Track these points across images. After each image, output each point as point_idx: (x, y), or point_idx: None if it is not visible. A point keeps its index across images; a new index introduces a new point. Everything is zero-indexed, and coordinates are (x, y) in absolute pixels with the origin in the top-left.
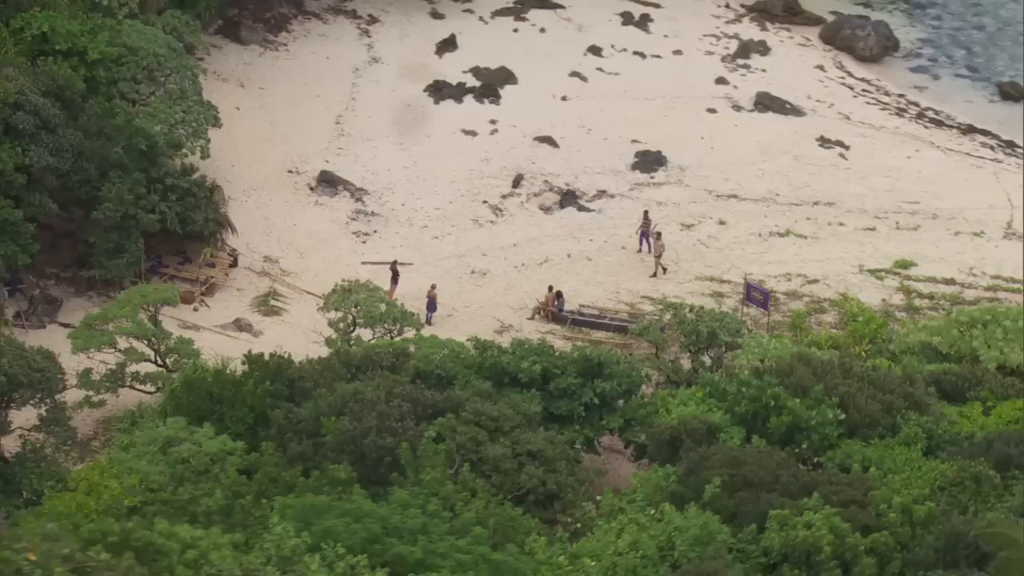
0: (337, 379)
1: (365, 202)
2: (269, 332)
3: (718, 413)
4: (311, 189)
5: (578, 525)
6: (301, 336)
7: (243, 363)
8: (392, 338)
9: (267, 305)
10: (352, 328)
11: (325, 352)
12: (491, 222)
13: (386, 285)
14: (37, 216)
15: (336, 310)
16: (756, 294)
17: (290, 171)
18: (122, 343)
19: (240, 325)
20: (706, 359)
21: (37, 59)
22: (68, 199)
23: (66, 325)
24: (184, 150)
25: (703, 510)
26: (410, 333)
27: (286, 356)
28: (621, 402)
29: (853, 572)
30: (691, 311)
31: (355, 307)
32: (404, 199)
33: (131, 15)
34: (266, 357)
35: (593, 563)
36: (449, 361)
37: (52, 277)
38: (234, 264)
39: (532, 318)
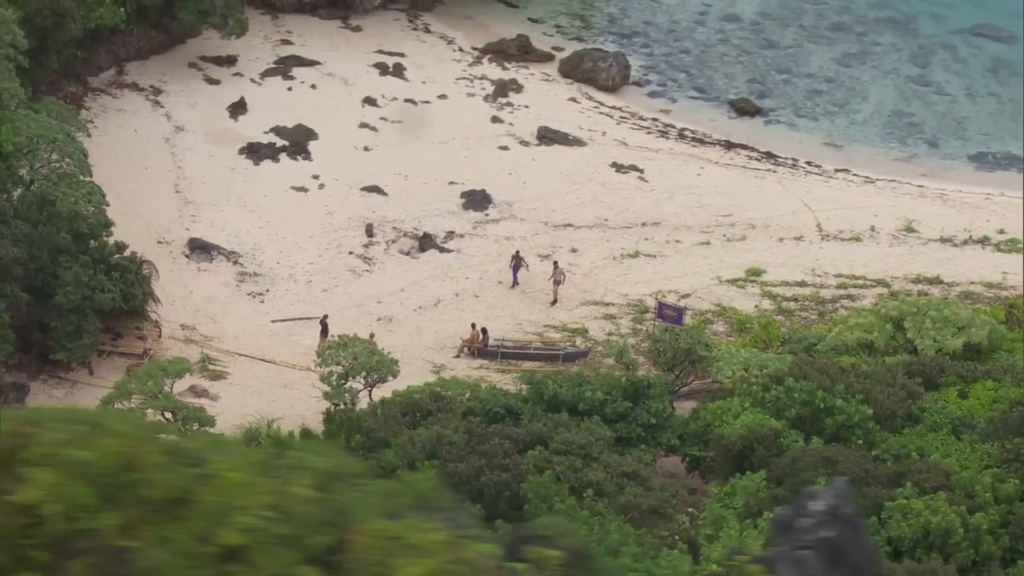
0: (400, 427)
1: (243, 264)
2: (225, 395)
3: (771, 419)
4: (187, 257)
5: (676, 537)
6: (257, 395)
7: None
8: (372, 386)
9: (208, 370)
10: (345, 380)
11: (292, 408)
12: (367, 271)
13: (311, 339)
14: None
15: (337, 364)
16: (669, 311)
17: (159, 242)
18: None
19: (197, 391)
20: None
21: None
22: (25, 287)
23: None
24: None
25: None
26: (391, 380)
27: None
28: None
29: (980, 551)
30: (666, 331)
31: (354, 359)
32: (276, 257)
33: (20, 104)
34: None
35: None
36: (510, 398)
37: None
38: (159, 335)
39: (458, 356)
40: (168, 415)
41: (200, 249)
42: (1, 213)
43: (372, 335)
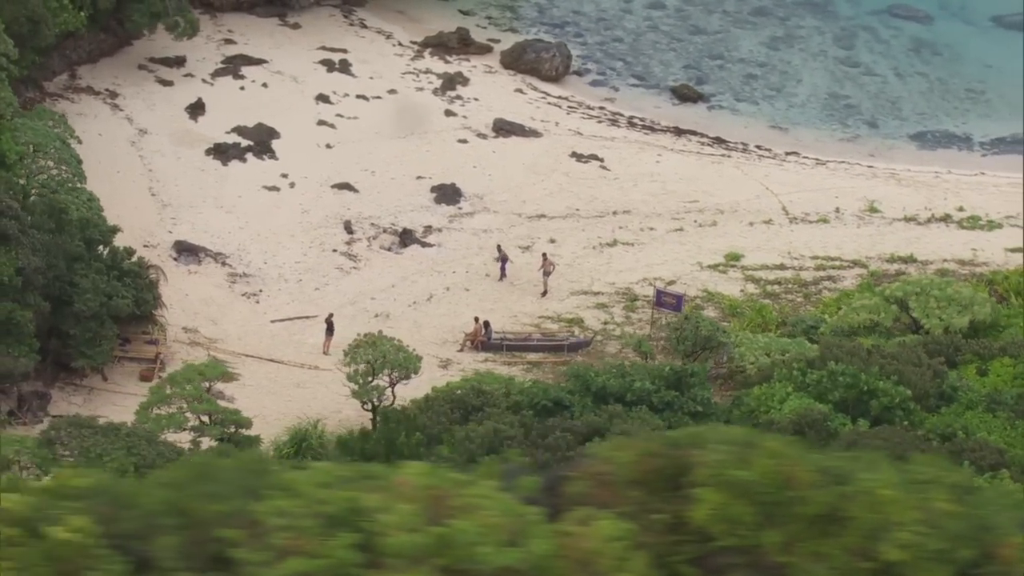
0: (451, 422)
1: (232, 265)
2: (240, 396)
3: (816, 403)
4: (175, 260)
5: None
6: (272, 396)
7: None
8: (395, 383)
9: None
10: (371, 378)
11: (310, 407)
12: (354, 268)
13: (314, 338)
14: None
15: (367, 363)
16: (668, 299)
17: (146, 245)
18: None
19: (212, 394)
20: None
21: None
22: (44, 295)
23: (59, 417)
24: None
25: None
26: (415, 376)
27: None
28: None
29: None
30: (686, 319)
31: (383, 356)
32: (262, 258)
33: (15, 114)
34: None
35: None
36: (557, 390)
37: None
38: (165, 338)
39: (462, 350)
40: (205, 418)
41: (187, 251)
42: (19, 223)
43: (380, 332)
